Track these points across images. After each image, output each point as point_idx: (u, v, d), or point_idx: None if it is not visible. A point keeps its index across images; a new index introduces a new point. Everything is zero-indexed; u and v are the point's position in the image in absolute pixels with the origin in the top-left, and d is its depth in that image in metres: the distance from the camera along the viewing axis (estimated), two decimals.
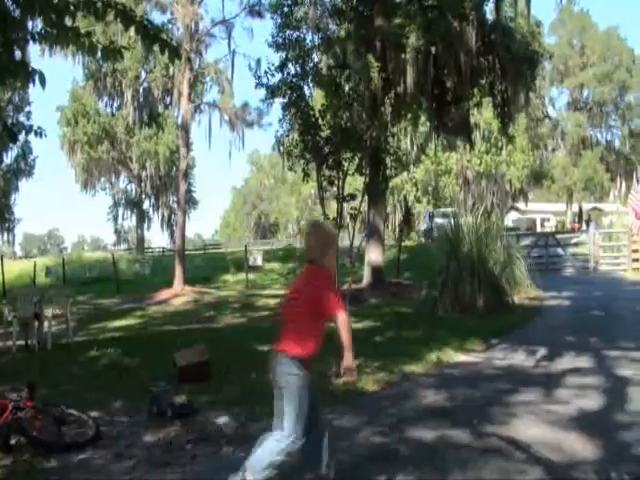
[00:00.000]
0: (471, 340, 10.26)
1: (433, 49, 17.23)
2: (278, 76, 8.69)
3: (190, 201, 52.70)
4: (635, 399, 6.51)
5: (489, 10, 20.51)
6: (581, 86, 64.07)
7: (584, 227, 40.94)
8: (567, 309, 13.68)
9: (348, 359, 4.21)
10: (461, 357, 9.27)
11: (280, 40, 8.92)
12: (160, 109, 51.05)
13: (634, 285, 17.80)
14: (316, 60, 14.85)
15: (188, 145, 27.72)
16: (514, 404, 6.47)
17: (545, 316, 12.70)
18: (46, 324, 11.92)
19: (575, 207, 58.36)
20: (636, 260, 21.05)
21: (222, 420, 5.91)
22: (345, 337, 4.23)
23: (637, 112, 65.41)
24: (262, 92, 9.27)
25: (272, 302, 20.11)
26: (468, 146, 24.98)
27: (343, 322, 4.24)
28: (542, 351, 9.23)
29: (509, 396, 6.82)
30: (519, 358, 9.09)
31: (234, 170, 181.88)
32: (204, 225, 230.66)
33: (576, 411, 6.12)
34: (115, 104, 50.36)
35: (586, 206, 54.74)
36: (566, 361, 8.75)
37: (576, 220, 51.67)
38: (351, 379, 4.37)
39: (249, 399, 6.62)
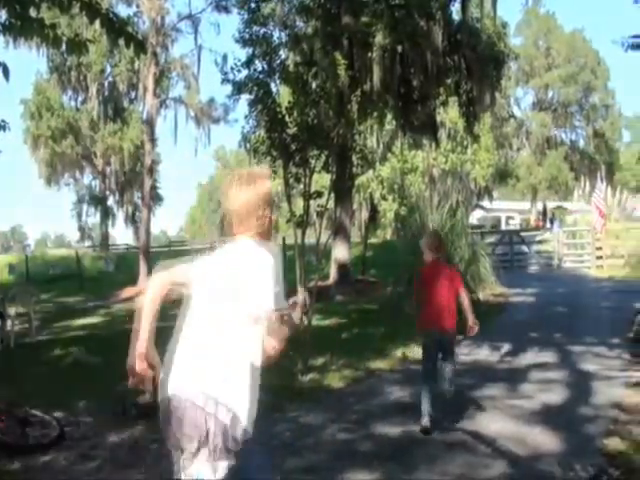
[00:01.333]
0: None
1: (400, 48, 17.31)
2: (245, 72, 8.65)
3: (155, 197, 52.06)
4: (598, 393, 6.65)
5: (456, 10, 20.68)
6: (546, 87, 65.01)
7: (548, 225, 41.56)
8: (532, 305, 13.88)
9: (471, 318, 5.55)
10: None
11: (247, 36, 8.88)
12: (125, 104, 50.34)
13: (597, 282, 18.13)
14: (283, 57, 14.82)
15: (153, 141, 27.46)
16: (479, 399, 6.55)
17: (510, 312, 12.88)
18: (9, 323, 11.71)
19: (539, 205, 59.21)
20: (599, 257, 21.45)
21: None
22: (467, 303, 5.58)
23: (601, 113, 66.66)
24: (228, 88, 9.23)
25: None
26: (434, 144, 25.19)
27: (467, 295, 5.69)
28: (507, 347, 9.37)
29: (474, 391, 6.90)
30: (484, 354, 9.21)
31: (200, 166, 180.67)
32: (169, 222, 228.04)
33: (540, 405, 6.22)
34: (80, 98, 49.49)
35: (550, 204, 55.59)
36: (530, 356, 8.90)
37: (540, 218, 52.48)
38: (472, 333, 5.65)
39: None
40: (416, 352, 9.27)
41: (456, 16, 20.00)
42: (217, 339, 2.54)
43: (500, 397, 6.63)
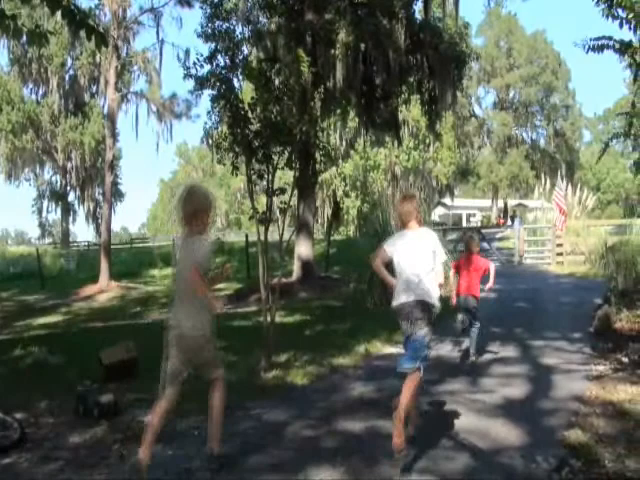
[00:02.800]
0: (399, 332, 10.31)
1: (363, 46, 17.38)
2: (207, 67, 8.55)
3: (116, 194, 51.51)
4: (559, 386, 6.78)
5: (418, 10, 20.86)
6: (507, 87, 66.00)
7: (509, 222, 42.17)
8: (493, 301, 14.03)
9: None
10: (389, 349, 9.40)
11: (209, 31, 8.77)
12: (86, 98, 49.54)
13: (558, 278, 18.43)
14: (246, 53, 14.77)
15: (114, 136, 27.08)
16: (441, 394, 6.62)
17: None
18: None
19: (500, 203, 60.17)
20: (560, 254, 21.82)
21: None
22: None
23: (562, 113, 67.91)
24: (191, 83, 9.13)
25: None
26: (396, 142, 25.29)
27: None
28: (468, 342, 9.47)
29: (437, 386, 6.97)
30: (446, 349, 9.32)
31: (162, 162, 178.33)
32: (131, 218, 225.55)
33: (502, 399, 6.32)
34: (40, 91, 48.60)
35: (511, 202, 56.55)
36: (492, 351, 9.02)
37: (501, 215, 53.24)
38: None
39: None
40: (379, 348, 9.38)
41: (418, 15, 20.20)
42: (419, 275, 4.84)
43: (462, 392, 6.71)
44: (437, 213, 52.05)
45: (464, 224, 52.53)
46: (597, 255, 17.90)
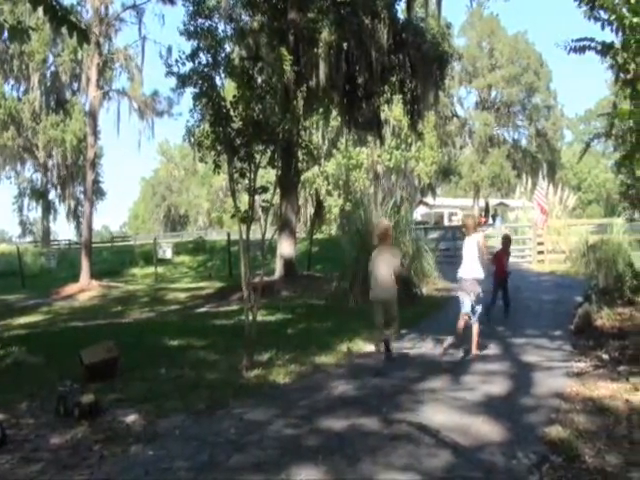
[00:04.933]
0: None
1: (345, 45, 17.39)
2: (189, 65, 8.49)
3: (98, 192, 51.21)
4: (540, 383, 6.83)
5: (401, 9, 20.90)
6: (489, 87, 66.44)
7: (491, 221, 42.46)
8: None
9: None
10: (371, 347, 9.43)
11: (192, 28, 8.71)
12: (68, 95, 49.15)
13: (539, 276, 18.58)
14: (228, 50, 14.70)
15: (96, 133, 26.91)
16: (423, 391, 6.65)
17: (453, 306, 12.99)
18: None
19: (482, 202, 60.52)
20: (541, 252, 22.00)
21: (130, 418, 5.78)
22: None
23: (544, 113, 68.45)
24: (173, 81, 9.06)
25: (182, 296, 19.87)
26: (378, 141, 25.37)
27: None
28: (450, 339, 9.53)
29: (418, 384, 7.01)
30: (427, 347, 9.37)
31: (143, 160, 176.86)
32: (112, 217, 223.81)
33: (483, 396, 6.36)
34: (22, 88, 48.15)
35: (493, 201, 56.92)
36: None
37: (483, 214, 53.54)
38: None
39: (158, 395, 6.52)
40: (361, 346, 9.40)
41: (401, 15, 20.24)
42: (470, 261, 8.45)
43: (444, 389, 6.74)
44: (419, 212, 52.17)
45: (446, 223, 52.69)
46: (578, 254, 18.07)
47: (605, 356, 8.10)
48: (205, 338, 10.34)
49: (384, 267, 8.18)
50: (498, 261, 12.20)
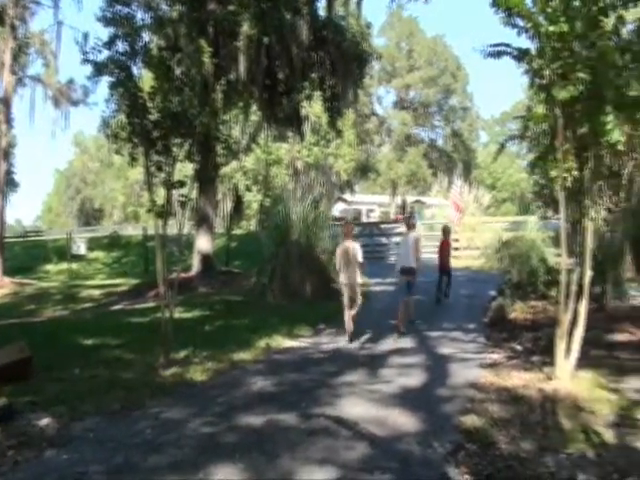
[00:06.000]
0: (299, 326, 10.50)
1: (266, 39, 17.26)
2: (106, 53, 8.20)
3: (10, 183, 48.97)
4: (455, 374, 7.02)
5: (322, 7, 20.93)
6: (407, 87, 67.58)
7: None
8: (391, 294, 14.31)
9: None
10: (289, 343, 9.45)
11: (109, 15, 8.39)
12: None
13: (454, 271, 19.01)
14: (147, 40, 14.34)
15: (9, 121, 25.80)
16: (340, 385, 6.70)
17: (371, 301, 13.23)
18: None
19: (399, 199, 61.67)
20: (456, 249, 22.53)
21: (44, 422, 5.55)
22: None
23: (460, 114, 70.25)
24: (89, 69, 8.71)
25: (96, 293, 19.31)
26: (298, 137, 25.36)
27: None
28: (367, 334, 9.65)
29: (335, 378, 7.06)
30: (345, 341, 9.44)
31: (58, 151, 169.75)
32: (25, 210, 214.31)
33: (400, 389, 6.47)
34: None
35: (410, 199, 58.04)
36: (389, 342, 9.24)
37: (400, 211, 54.57)
38: None
39: (72, 397, 6.28)
40: (280, 342, 9.38)
41: (322, 13, 20.27)
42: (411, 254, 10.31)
43: (361, 382, 6.82)
44: (338, 208, 52.53)
45: (364, 219, 53.32)
46: (492, 250, 18.63)
47: (518, 347, 8.40)
48: (120, 336, 10.07)
49: (348, 257, 9.64)
50: (442, 250, 13.77)
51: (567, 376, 6.41)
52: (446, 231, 14.27)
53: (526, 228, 17.07)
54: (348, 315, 9.51)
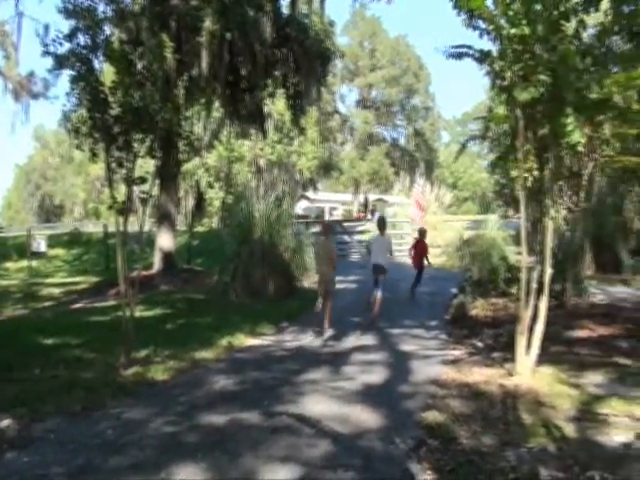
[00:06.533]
0: (262, 324, 10.46)
1: (229, 35, 17.14)
2: (67, 46, 8.03)
3: None
4: (417, 371, 7.07)
5: (285, 5, 20.88)
6: (370, 86, 67.89)
7: (369, 216, 43.44)
8: (354, 292, 14.40)
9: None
10: (252, 341, 9.40)
11: (70, 7, 8.22)
12: None
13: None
14: (108, 33, 14.12)
15: None
16: (303, 383, 6.70)
17: (333, 299, 13.29)
18: None
19: (361, 198, 61.94)
20: None
21: (4, 423, 5.42)
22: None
23: (422, 114, 70.85)
24: (50, 61, 8.52)
25: (57, 291, 19.00)
26: (261, 135, 25.26)
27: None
28: (329, 332, 9.66)
29: (298, 376, 7.05)
30: (308, 339, 9.46)
31: (17, 146, 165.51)
32: None
33: (362, 386, 6.50)
34: None
35: (372, 197, 58.38)
36: (352, 340, 9.28)
37: (362, 209, 54.82)
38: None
39: (32, 398, 6.13)
40: (242, 340, 9.34)
41: (285, 10, 20.22)
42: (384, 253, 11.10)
43: (324, 380, 6.83)
44: (301, 206, 52.52)
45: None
46: (453, 248, 18.84)
47: (479, 344, 8.51)
48: (81, 336, 9.90)
49: (324, 252, 10.24)
50: (418, 249, 14.15)
51: (528, 372, 6.52)
52: (422, 233, 14.49)
53: (487, 227, 17.33)
54: (322, 306, 9.90)
